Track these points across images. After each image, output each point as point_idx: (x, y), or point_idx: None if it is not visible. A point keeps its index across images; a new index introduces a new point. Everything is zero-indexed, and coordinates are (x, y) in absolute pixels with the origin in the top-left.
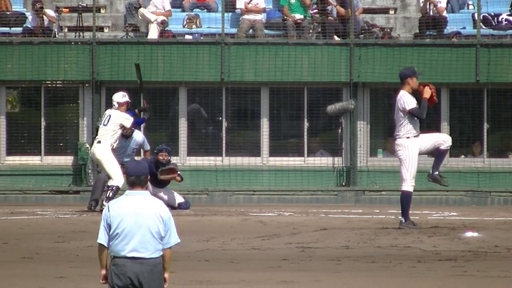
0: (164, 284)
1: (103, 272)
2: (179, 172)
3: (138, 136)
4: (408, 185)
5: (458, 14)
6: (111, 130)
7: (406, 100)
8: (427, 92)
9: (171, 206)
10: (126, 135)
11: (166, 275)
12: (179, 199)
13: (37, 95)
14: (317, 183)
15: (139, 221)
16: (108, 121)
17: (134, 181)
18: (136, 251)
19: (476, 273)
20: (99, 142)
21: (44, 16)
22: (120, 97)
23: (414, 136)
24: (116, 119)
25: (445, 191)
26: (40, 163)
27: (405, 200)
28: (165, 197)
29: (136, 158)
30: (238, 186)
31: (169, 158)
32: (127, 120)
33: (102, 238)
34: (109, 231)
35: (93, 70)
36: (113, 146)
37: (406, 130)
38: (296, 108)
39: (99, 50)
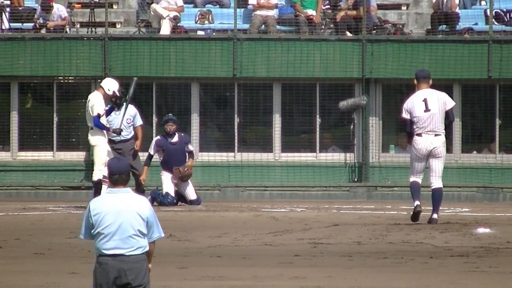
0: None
1: None
2: (191, 149)
3: (131, 109)
4: (441, 181)
5: (471, 10)
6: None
7: (450, 99)
8: None
9: (182, 197)
10: (116, 103)
11: (149, 265)
12: (192, 195)
13: (49, 91)
14: (329, 179)
15: (120, 219)
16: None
17: (117, 179)
18: (116, 249)
19: (488, 269)
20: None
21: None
22: (112, 85)
23: None
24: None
25: (457, 187)
26: (53, 158)
27: (441, 196)
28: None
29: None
30: (250, 182)
31: (176, 128)
32: (97, 108)
33: (82, 233)
34: (92, 229)
35: (105, 65)
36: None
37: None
38: (308, 104)
39: (111, 46)
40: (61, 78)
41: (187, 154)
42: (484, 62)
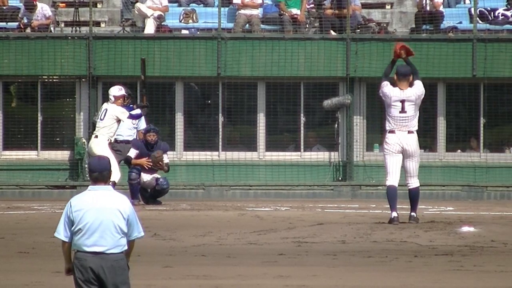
0: None
1: (67, 266)
2: (166, 161)
3: (136, 111)
4: (417, 180)
5: (455, 8)
6: (108, 125)
7: (420, 89)
8: (403, 53)
9: (152, 186)
10: (138, 106)
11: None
12: (157, 177)
13: (34, 90)
14: (313, 177)
15: (100, 217)
16: (105, 115)
17: (97, 177)
18: (96, 246)
19: (472, 268)
20: (96, 136)
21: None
22: (117, 90)
23: None
24: (113, 113)
25: (441, 186)
26: (37, 157)
27: (419, 194)
28: (149, 178)
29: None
30: (235, 181)
31: (157, 138)
32: (123, 113)
33: (60, 233)
34: (71, 226)
35: (90, 65)
36: (110, 140)
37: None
38: (292, 103)
39: (95, 45)
40: (46, 77)
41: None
42: (468, 60)
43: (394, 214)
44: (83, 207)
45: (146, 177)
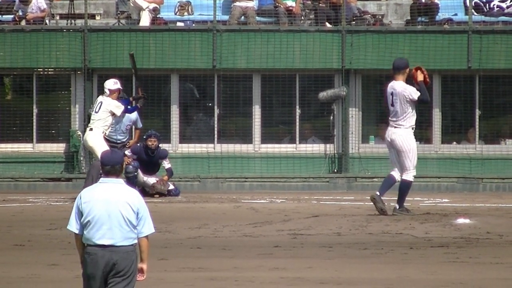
0: (141, 275)
1: (83, 260)
2: (168, 166)
3: (132, 114)
4: (410, 175)
5: (450, 0)
6: (102, 118)
7: (411, 90)
8: (420, 75)
9: (160, 193)
10: (134, 98)
11: (144, 266)
12: (169, 186)
13: (29, 82)
14: (309, 170)
15: (109, 209)
16: (100, 108)
17: (109, 170)
18: (105, 239)
19: (468, 260)
20: (91, 129)
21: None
22: (112, 84)
23: (413, 128)
24: (107, 106)
25: (437, 178)
26: (32, 150)
27: (406, 188)
28: (155, 183)
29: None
30: (230, 173)
31: (158, 143)
32: (118, 108)
33: (73, 225)
34: (81, 218)
35: (85, 57)
36: (105, 133)
37: (411, 121)
38: (288, 95)
39: (91, 38)
40: (41, 70)
41: (162, 167)
42: (463, 52)
43: (376, 192)
44: (91, 199)
45: (151, 181)
